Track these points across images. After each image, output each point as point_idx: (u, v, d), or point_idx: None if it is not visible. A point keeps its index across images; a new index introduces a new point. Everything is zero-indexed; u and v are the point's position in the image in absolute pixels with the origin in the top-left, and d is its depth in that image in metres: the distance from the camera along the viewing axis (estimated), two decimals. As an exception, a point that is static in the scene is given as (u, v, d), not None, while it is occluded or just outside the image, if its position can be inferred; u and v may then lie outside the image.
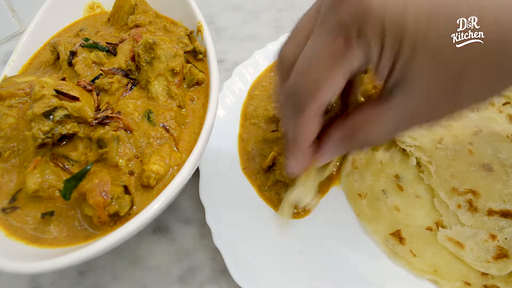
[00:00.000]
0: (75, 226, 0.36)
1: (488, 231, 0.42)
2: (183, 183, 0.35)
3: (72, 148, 0.38)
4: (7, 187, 0.38)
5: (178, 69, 0.43)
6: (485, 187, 0.46)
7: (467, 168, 0.47)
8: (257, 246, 0.43)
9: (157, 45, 0.42)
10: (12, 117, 0.41)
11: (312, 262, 0.42)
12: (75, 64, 0.44)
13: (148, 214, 0.33)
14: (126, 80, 0.43)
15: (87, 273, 0.44)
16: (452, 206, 0.44)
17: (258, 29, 0.72)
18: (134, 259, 0.45)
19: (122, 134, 0.38)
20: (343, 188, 0.48)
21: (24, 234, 0.36)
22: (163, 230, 0.48)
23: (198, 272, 0.44)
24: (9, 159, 0.39)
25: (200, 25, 0.49)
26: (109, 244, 0.31)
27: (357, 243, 0.44)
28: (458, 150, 0.49)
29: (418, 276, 0.41)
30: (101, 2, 0.58)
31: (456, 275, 0.40)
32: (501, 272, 0.39)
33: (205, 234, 0.47)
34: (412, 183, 0.47)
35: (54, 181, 0.37)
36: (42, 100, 0.36)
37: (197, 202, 0.48)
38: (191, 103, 0.45)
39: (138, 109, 0.41)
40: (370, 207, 0.46)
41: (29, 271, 0.31)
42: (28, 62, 0.50)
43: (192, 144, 0.41)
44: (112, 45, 0.46)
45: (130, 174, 0.38)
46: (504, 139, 0.50)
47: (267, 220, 0.45)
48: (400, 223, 0.44)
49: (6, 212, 0.37)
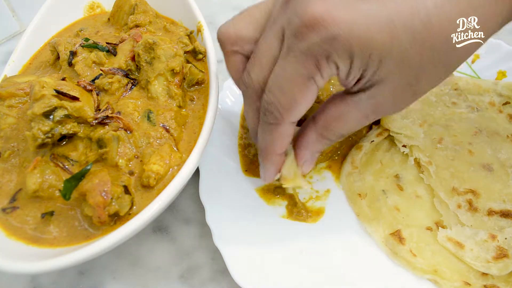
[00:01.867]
0: (75, 226, 0.36)
1: (488, 231, 0.42)
2: (183, 183, 0.35)
3: (72, 148, 0.38)
4: (7, 187, 0.38)
5: (178, 69, 0.43)
6: (485, 187, 0.46)
7: (467, 168, 0.47)
8: (257, 246, 0.43)
9: (157, 45, 0.42)
10: (12, 117, 0.41)
11: (312, 261, 0.42)
12: (75, 64, 0.44)
13: (148, 214, 0.33)
14: (126, 80, 0.43)
15: (87, 273, 0.44)
16: (452, 206, 0.44)
17: (258, 29, 0.72)
18: (134, 259, 0.45)
19: (122, 134, 0.38)
20: (343, 188, 0.48)
21: (24, 234, 0.36)
22: (163, 230, 0.48)
23: (198, 272, 0.44)
24: (9, 159, 0.39)
25: (200, 25, 0.49)
26: (109, 244, 0.31)
27: (357, 243, 0.44)
28: (458, 150, 0.49)
29: (418, 276, 0.41)
30: (101, 2, 0.58)
31: (456, 275, 0.40)
32: (501, 272, 0.39)
33: (205, 234, 0.47)
34: (412, 183, 0.47)
35: (54, 181, 0.37)
36: (42, 100, 0.36)
37: (197, 202, 0.48)
38: (191, 103, 0.45)
39: (138, 109, 0.41)
40: (370, 207, 0.46)
41: (29, 271, 0.31)
42: (28, 62, 0.50)
43: (192, 144, 0.41)
44: (112, 45, 0.46)
45: (130, 174, 0.38)
46: (504, 139, 0.50)
47: (267, 220, 0.45)
48: (400, 223, 0.44)
49: (6, 212, 0.37)
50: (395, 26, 0.28)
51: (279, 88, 0.32)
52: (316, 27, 0.28)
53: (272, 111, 0.33)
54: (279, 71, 0.32)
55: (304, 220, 0.46)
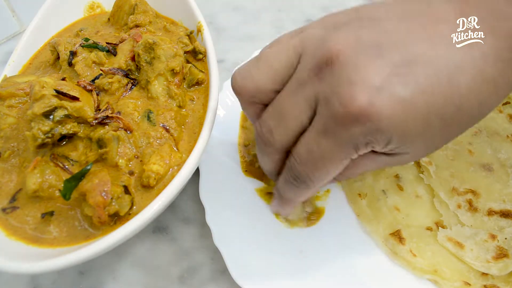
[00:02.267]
0: (75, 226, 0.36)
1: (488, 231, 0.42)
2: (183, 183, 0.35)
3: (72, 148, 0.38)
4: (7, 187, 0.38)
5: (178, 69, 0.43)
6: (485, 187, 0.46)
7: (467, 168, 0.47)
8: (257, 246, 0.43)
9: (157, 45, 0.42)
10: (12, 117, 0.41)
11: (312, 261, 0.42)
12: (75, 64, 0.44)
13: (148, 214, 0.33)
14: (126, 80, 0.43)
15: (87, 273, 0.44)
16: (452, 206, 0.44)
17: (258, 29, 0.72)
18: (134, 259, 0.45)
19: (122, 134, 0.38)
20: (343, 188, 0.48)
21: (24, 234, 0.36)
22: (163, 230, 0.48)
23: (198, 272, 0.44)
24: (9, 159, 0.39)
25: (200, 25, 0.49)
26: (109, 244, 0.31)
27: (357, 243, 0.44)
28: (458, 150, 0.49)
29: (418, 276, 0.41)
30: (101, 2, 0.58)
31: (456, 275, 0.40)
32: (501, 272, 0.39)
33: (205, 234, 0.47)
34: (412, 183, 0.47)
35: (54, 181, 0.37)
36: (42, 100, 0.36)
37: (197, 202, 0.48)
38: (191, 103, 0.45)
39: (138, 109, 0.41)
40: (370, 207, 0.46)
41: (29, 271, 0.31)
42: (28, 62, 0.50)
43: (192, 144, 0.41)
44: (112, 45, 0.46)
45: (130, 174, 0.38)
46: (504, 139, 0.50)
47: (267, 220, 0.45)
48: (400, 223, 0.44)
49: (6, 212, 0.37)
50: (430, 117, 0.29)
51: (313, 163, 0.32)
52: (360, 121, 0.28)
53: (304, 180, 0.34)
54: (313, 146, 0.32)
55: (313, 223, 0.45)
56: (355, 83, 0.28)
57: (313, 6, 0.75)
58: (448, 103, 0.29)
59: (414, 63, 0.28)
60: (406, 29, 0.30)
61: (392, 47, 0.29)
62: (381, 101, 0.28)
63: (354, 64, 0.29)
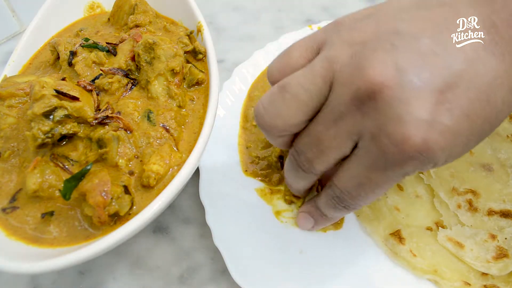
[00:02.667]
0: (75, 226, 0.36)
1: (488, 231, 0.42)
2: (183, 183, 0.35)
3: (72, 148, 0.38)
4: (7, 187, 0.38)
5: (178, 69, 0.43)
6: (485, 187, 0.46)
7: (467, 168, 0.47)
8: (257, 246, 0.43)
9: (157, 45, 0.42)
10: (12, 117, 0.41)
11: (312, 261, 0.42)
12: (75, 64, 0.44)
13: (148, 214, 0.33)
14: (126, 80, 0.43)
15: (87, 273, 0.44)
16: (452, 206, 0.44)
17: (258, 29, 0.72)
18: (134, 259, 0.45)
19: (122, 134, 0.38)
20: (343, 188, 0.48)
21: (24, 234, 0.36)
22: (163, 230, 0.48)
23: (198, 272, 0.44)
24: (9, 159, 0.39)
25: (200, 25, 0.49)
26: (109, 244, 0.31)
27: (357, 243, 0.44)
28: (458, 150, 0.49)
29: (418, 276, 0.41)
30: (101, 2, 0.58)
31: (456, 275, 0.40)
32: (501, 272, 0.39)
33: (205, 234, 0.47)
34: (412, 183, 0.47)
35: (54, 181, 0.37)
36: (42, 100, 0.36)
37: (197, 202, 0.48)
38: (191, 103, 0.45)
39: (138, 109, 0.41)
40: (370, 207, 0.46)
41: (29, 271, 0.31)
42: (28, 62, 0.50)
43: (192, 144, 0.41)
44: (112, 45, 0.46)
45: (130, 174, 0.38)
46: (504, 139, 0.50)
47: (267, 220, 0.45)
48: (400, 223, 0.44)
49: (6, 212, 0.37)
50: (470, 138, 0.29)
51: (364, 195, 0.33)
52: (415, 158, 0.28)
53: (347, 206, 0.35)
54: (363, 180, 0.32)
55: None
56: (404, 121, 0.27)
57: (313, 6, 0.75)
58: (486, 122, 0.29)
59: (455, 86, 0.28)
60: (441, 47, 0.29)
61: (432, 70, 0.28)
62: (433, 135, 0.27)
63: (399, 99, 0.27)
